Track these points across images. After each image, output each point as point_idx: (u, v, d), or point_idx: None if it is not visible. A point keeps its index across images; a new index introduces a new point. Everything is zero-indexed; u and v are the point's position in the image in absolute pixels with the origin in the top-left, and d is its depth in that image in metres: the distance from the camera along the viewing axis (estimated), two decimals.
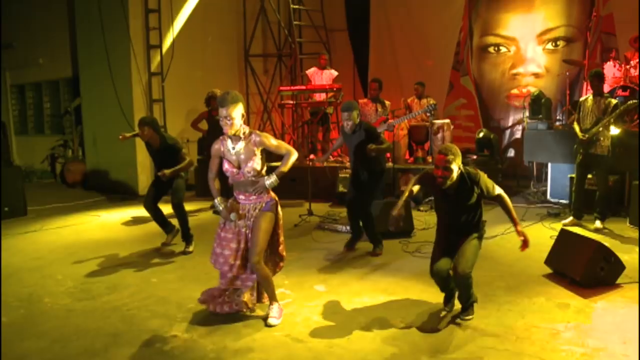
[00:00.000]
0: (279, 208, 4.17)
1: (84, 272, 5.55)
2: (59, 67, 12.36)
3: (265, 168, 4.09)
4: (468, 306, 4.06)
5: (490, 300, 4.37)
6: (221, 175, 4.21)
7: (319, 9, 11.71)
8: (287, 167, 4.03)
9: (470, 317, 4.03)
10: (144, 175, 10.05)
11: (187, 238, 6.19)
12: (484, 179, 3.97)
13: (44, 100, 13.33)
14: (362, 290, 4.76)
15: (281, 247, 4.28)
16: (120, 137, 6.64)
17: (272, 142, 4.03)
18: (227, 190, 4.53)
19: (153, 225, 6.50)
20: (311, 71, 9.97)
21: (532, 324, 3.93)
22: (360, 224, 6.00)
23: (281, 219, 4.23)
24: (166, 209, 6.38)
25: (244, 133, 3.99)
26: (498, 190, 4.04)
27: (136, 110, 9.83)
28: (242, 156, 3.98)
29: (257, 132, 4.05)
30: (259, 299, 4.40)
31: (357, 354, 3.56)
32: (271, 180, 3.99)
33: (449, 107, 11.13)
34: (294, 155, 4.02)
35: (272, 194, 4.15)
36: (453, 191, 3.96)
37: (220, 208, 4.13)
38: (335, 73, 10.04)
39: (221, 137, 4.11)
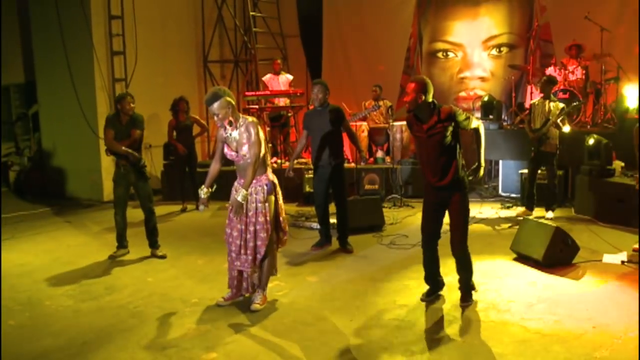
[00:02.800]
0: (278, 188, 4.56)
1: (76, 274, 5.70)
2: (8, 73, 12.15)
3: (263, 152, 4.39)
4: (467, 292, 4.45)
5: None
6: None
7: (275, 15, 12.07)
8: (249, 182, 4.30)
9: (469, 303, 4.39)
10: (108, 181, 10.04)
11: (157, 244, 6.32)
12: (459, 111, 4.27)
13: None
14: (352, 279, 5.20)
15: (284, 224, 4.68)
16: None
17: (252, 137, 4.32)
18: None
19: (133, 228, 6.60)
20: (267, 77, 10.34)
21: (509, 299, 4.49)
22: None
23: (280, 197, 4.62)
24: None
25: (236, 121, 4.37)
26: (475, 123, 4.39)
27: (100, 116, 9.85)
28: (238, 142, 4.38)
29: (250, 119, 4.43)
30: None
31: (361, 334, 4.00)
32: (241, 194, 4.29)
33: (401, 110, 11.73)
34: (252, 168, 4.29)
35: (271, 175, 4.51)
36: (426, 126, 4.24)
37: (202, 196, 4.51)
38: (290, 77, 10.46)
39: (220, 125, 4.47)
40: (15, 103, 12.53)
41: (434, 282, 4.62)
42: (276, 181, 4.56)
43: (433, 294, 4.61)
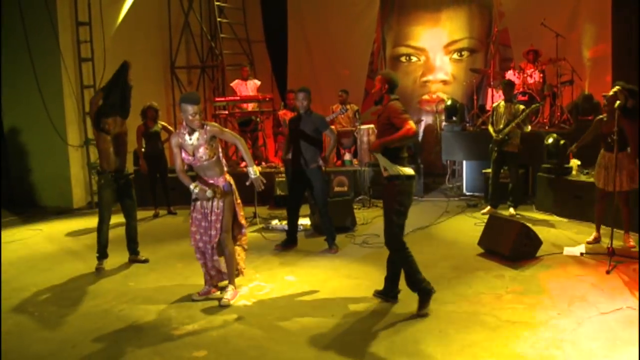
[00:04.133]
0: (234, 186, 4.90)
1: (56, 281, 5.73)
2: None
3: (217, 153, 4.78)
4: (421, 297, 4.38)
5: (440, 276, 5.19)
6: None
7: (241, 21, 12.22)
8: (248, 157, 4.75)
9: (425, 311, 4.31)
10: (78, 189, 10.06)
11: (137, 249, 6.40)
12: (396, 114, 4.31)
13: None
14: (328, 277, 5.42)
15: (241, 219, 5.01)
16: None
17: (222, 132, 4.77)
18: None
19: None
20: (235, 83, 10.48)
21: (478, 291, 4.79)
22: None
23: (237, 196, 4.95)
24: None
25: (201, 125, 4.69)
26: (405, 122, 4.28)
27: (68, 123, 9.85)
28: (195, 146, 4.68)
29: (209, 122, 4.81)
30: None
31: (343, 327, 4.22)
32: (254, 170, 4.74)
33: (365, 113, 12.00)
34: (243, 143, 4.77)
35: (227, 176, 4.89)
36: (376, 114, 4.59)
37: (196, 191, 4.74)
38: (258, 83, 10.63)
39: (177, 132, 4.85)
40: None
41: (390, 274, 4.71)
42: (232, 182, 4.91)
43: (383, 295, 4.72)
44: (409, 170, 4.46)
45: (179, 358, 3.85)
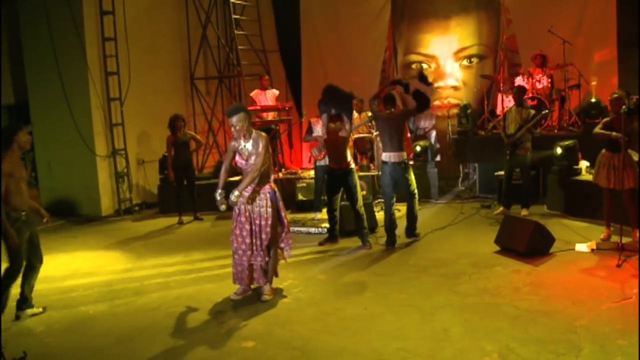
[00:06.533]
0: (278, 194, 5.27)
1: (100, 283, 6.17)
2: None
3: (268, 163, 5.15)
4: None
5: (462, 272, 5.62)
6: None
7: (257, 33, 12.67)
8: (244, 185, 5.02)
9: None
10: (106, 197, 10.50)
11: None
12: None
13: None
14: (358, 275, 5.83)
15: (286, 222, 5.39)
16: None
17: (259, 148, 5.02)
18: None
19: (139, 241, 7.04)
20: (255, 93, 10.91)
21: (498, 285, 5.19)
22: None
23: (281, 203, 5.33)
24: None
25: (250, 134, 5.04)
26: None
27: (96, 134, 10.29)
28: (250, 152, 5.06)
29: (260, 133, 5.13)
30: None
31: (375, 319, 4.63)
32: (234, 195, 5.00)
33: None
34: (251, 176, 5.00)
35: (273, 184, 5.25)
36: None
37: (218, 198, 5.15)
38: (277, 92, 11.07)
39: (236, 136, 5.17)
40: (4, 124, 12.78)
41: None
42: (277, 190, 5.28)
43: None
44: None
45: (230, 348, 4.26)
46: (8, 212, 4.85)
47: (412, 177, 7.00)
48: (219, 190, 5.18)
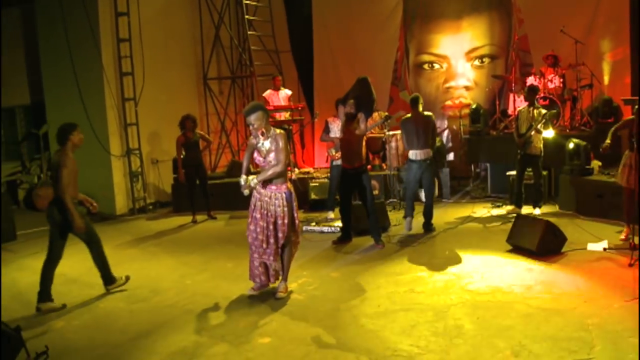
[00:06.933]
0: (294, 195, 5.33)
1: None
2: (14, 95, 12.64)
3: (288, 160, 5.22)
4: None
5: (474, 270, 5.68)
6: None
7: (269, 33, 12.76)
8: (266, 176, 5.15)
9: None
10: (120, 196, 10.63)
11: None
12: None
13: None
14: (371, 274, 5.89)
15: (298, 227, 5.50)
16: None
17: (280, 145, 5.11)
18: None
19: (153, 239, 7.14)
20: (267, 93, 11.01)
21: (510, 283, 5.24)
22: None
23: (296, 205, 5.40)
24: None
25: (268, 132, 5.13)
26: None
27: (110, 133, 10.43)
28: (268, 149, 5.14)
29: (278, 131, 5.21)
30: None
31: (389, 317, 4.69)
32: (254, 181, 5.18)
33: (392, 118, 12.47)
34: (274, 170, 5.12)
35: (289, 184, 5.32)
36: None
37: (242, 183, 5.22)
38: (289, 92, 11.16)
39: (256, 133, 5.26)
40: (20, 124, 13.00)
41: None
42: (293, 190, 5.34)
43: None
44: None
45: (247, 343, 4.34)
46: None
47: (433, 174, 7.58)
48: (243, 176, 5.26)
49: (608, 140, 6.49)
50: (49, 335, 4.80)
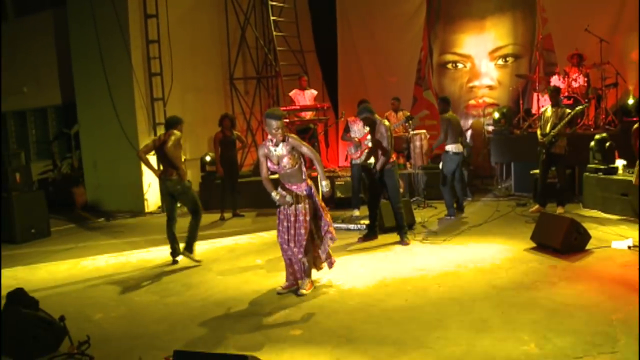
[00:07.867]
0: (314, 189, 5.51)
1: (149, 276, 6.51)
2: (46, 95, 13.03)
3: (299, 162, 5.40)
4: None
5: (498, 268, 5.78)
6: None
7: (294, 34, 12.95)
8: (323, 172, 5.50)
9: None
10: (150, 194, 10.92)
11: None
12: None
13: (29, 127, 13.87)
14: (397, 269, 6.03)
15: (326, 215, 5.55)
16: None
17: (300, 146, 5.36)
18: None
19: (182, 236, 7.26)
20: (293, 93, 11.19)
21: (534, 279, 5.34)
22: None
23: (319, 197, 5.58)
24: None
25: (281, 139, 5.33)
26: None
27: (140, 132, 10.73)
28: (279, 156, 5.33)
29: (292, 135, 5.43)
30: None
31: (416, 310, 4.83)
32: (324, 184, 5.48)
33: (414, 118, 12.57)
34: (316, 159, 5.46)
35: (309, 181, 5.51)
36: None
37: (277, 198, 5.41)
38: (315, 92, 11.31)
39: (263, 143, 5.50)
40: (52, 123, 13.39)
41: None
42: (313, 186, 5.53)
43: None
44: None
45: (279, 336, 4.51)
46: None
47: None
48: (274, 192, 5.43)
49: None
50: (87, 325, 5.00)
